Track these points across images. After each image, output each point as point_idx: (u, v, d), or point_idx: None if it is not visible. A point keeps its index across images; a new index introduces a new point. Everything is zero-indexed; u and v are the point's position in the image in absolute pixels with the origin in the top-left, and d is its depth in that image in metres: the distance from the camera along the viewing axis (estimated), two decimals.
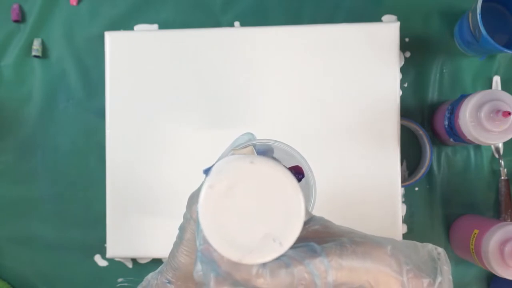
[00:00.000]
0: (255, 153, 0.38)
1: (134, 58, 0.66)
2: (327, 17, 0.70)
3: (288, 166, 0.41)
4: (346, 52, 0.64)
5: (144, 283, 0.46)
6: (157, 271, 0.46)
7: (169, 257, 0.44)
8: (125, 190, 0.66)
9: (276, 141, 0.39)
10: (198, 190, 0.41)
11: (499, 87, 0.69)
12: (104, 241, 0.68)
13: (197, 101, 0.66)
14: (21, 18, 0.73)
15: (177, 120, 0.66)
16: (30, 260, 0.72)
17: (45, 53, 0.73)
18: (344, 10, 0.70)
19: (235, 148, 0.38)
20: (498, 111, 0.55)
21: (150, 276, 0.46)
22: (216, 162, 0.38)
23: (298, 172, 0.40)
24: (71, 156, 0.72)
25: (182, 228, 0.43)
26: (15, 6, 0.73)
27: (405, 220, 0.69)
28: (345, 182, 0.63)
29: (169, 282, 0.43)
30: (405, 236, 0.67)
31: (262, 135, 0.65)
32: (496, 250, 0.56)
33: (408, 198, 0.69)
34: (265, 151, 0.41)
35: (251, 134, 0.40)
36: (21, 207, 0.73)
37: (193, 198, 0.41)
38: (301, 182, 0.40)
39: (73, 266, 0.72)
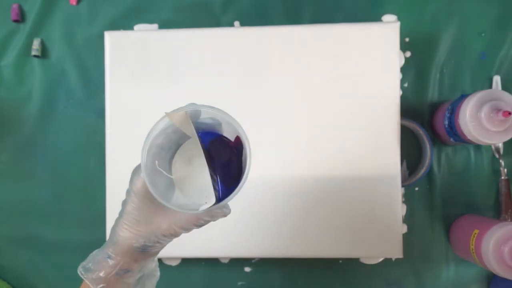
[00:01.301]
0: (189, 119, 0.39)
1: (134, 58, 0.66)
2: (327, 17, 0.70)
3: (233, 135, 0.41)
4: (346, 52, 0.64)
5: (88, 258, 0.46)
6: (101, 247, 0.46)
7: (110, 232, 0.45)
8: (125, 190, 0.66)
9: (211, 107, 0.39)
10: (140, 165, 0.41)
11: (499, 87, 0.69)
12: (104, 241, 0.68)
13: (197, 101, 0.65)
14: (21, 18, 0.73)
15: None
16: (30, 260, 0.72)
17: (45, 53, 0.73)
18: (344, 10, 0.70)
19: (170, 112, 0.38)
20: (498, 111, 0.55)
21: (95, 251, 0.46)
22: (151, 129, 0.38)
23: (239, 144, 0.40)
24: (71, 156, 0.72)
25: (123, 203, 0.43)
26: (15, 6, 0.73)
27: (405, 220, 0.69)
28: (345, 181, 0.63)
29: (109, 257, 0.44)
30: (405, 236, 0.67)
31: (262, 134, 0.65)
32: (496, 250, 0.56)
33: (408, 198, 0.69)
34: (213, 125, 0.41)
35: (194, 104, 0.40)
36: (21, 207, 0.73)
37: (136, 172, 0.42)
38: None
39: (73, 266, 0.72)
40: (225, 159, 0.40)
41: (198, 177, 0.41)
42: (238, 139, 0.41)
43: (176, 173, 0.42)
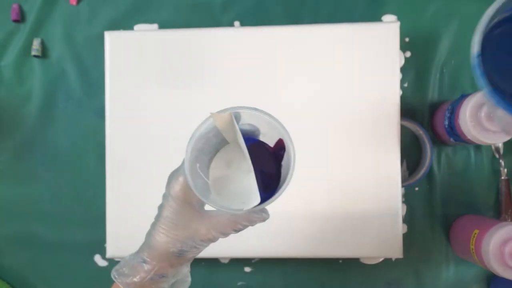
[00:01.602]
0: (234, 120, 0.38)
1: (134, 58, 0.66)
2: (327, 17, 0.70)
3: (271, 140, 0.41)
4: (346, 52, 0.64)
5: (121, 262, 0.45)
6: (135, 251, 0.45)
7: (146, 236, 0.44)
8: (125, 190, 0.66)
9: (256, 109, 0.39)
10: (178, 169, 0.42)
11: None
12: (104, 241, 0.68)
13: (197, 101, 0.66)
14: (21, 18, 0.73)
15: (177, 120, 0.66)
16: (30, 260, 0.72)
17: (45, 53, 0.73)
18: (344, 10, 0.70)
19: (215, 113, 0.38)
20: None
21: (128, 256, 0.46)
22: (196, 129, 0.38)
23: (281, 148, 0.40)
24: (71, 156, 0.72)
25: (160, 207, 0.43)
26: (15, 6, 0.73)
27: (405, 220, 0.69)
28: (345, 182, 0.63)
29: (144, 262, 0.43)
30: (405, 236, 0.67)
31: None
32: (496, 250, 0.56)
33: (408, 198, 0.69)
34: (252, 131, 0.41)
35: (237, 106, 0.40)
36: (21, 207, 0.73)
37: (173, 176, 0.42)
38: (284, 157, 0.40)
39: (73, 266, 0.72)
40: (264, 163, 0.39)
41: (236, 182, 0.41)
42: (277, 144, 0.40)
43: (214, 178, 0.41)
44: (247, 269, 0.70)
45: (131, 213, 0.66)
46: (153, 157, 0.66)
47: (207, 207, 0.40)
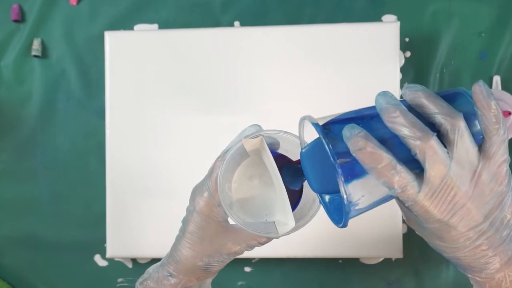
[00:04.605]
0: (265, 143, 0.38)
1: (134, 58, 0.66)
2: (327, 17, 0.70)
3: (295, 159, 0.41)
4: (346, 52, 0.64)
5: (145, 275, 0.45)
6: (158, 264, 0.45)
7: (171, 250, 0.44)
8: (125, 190, 0.66)
9: (286, 132, 0.39)
10: (202, 183, 0.41)
11: (499, 87, 0.69)
12: (104, 241, 0.68)
13: (197, 101, 0.66)
14: (21, 18, 0.73)
15: (177, 120, 0.66)
16: (30, 260, 0.72)
17: (45, 53, 0.73)
18: (344, 10, 0.71)
19: (245, 138, 0.38)
20: None
21: (151, 269, 0.46)
22: (225, 151, 0.38)
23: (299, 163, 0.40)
24: (71, 156, 0.72)
25: (185, 221, 0.43)
26: (15, 6, 0.73)
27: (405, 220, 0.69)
28: None
29: (171, 275, 0.43)
30: (405, 236, 0.67)
31: None
32: None
33: None
34: (272, 144, 0.41)
35: (258, 125, 0.40)
36: (21, 207, 0.73)
37: (197, 190, 0.42)
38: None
39: (73, 266, 0.72)
40: (286, 176, 0.39)
41: (260, 195, 0.41)
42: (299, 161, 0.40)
43: (237, 192, 0.41)
44: (247, 269, 0.70)
45: (131, 213, 0.66)
46: (153, 157, 0.66)
47: (231, 221, 0.40)
